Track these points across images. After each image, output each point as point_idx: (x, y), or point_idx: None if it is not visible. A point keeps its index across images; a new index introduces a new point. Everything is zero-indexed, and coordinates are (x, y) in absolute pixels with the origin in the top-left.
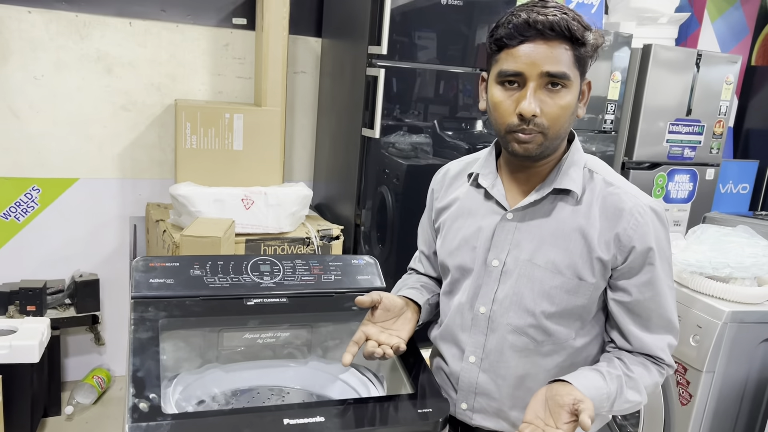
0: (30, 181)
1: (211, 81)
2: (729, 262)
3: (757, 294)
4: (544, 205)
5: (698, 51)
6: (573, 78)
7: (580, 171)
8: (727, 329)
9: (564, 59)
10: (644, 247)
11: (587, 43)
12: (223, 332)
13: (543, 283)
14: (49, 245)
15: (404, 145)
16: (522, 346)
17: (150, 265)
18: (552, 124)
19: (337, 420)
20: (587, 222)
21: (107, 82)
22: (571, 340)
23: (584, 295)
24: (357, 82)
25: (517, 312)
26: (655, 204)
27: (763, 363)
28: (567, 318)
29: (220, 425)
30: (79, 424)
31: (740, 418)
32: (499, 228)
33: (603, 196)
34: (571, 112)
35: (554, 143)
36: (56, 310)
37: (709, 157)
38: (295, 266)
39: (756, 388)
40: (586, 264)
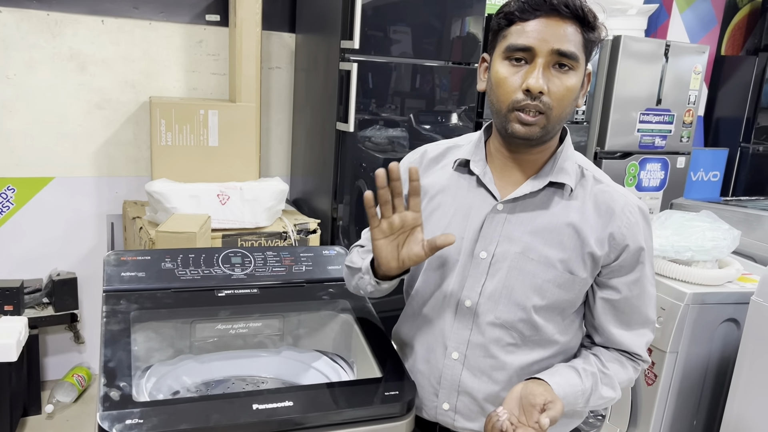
0: (4, 180)
1: (185, 78)
2: (690, 245)
3: (717, 276)
4: (537, 197)
5: (667, 42)
6: (581, 61)
7: (574, 165)
8: (689, 310)
9: (575, 39)
10: (636, 246)
11: (596, 29)
12: (196, 323)
13: (535, 276)
14: (26, 244)
15: (381, 139)
16: (508, 341)
17: (121, 259)
18: (557, 104)
19: (305, 404)
20: (581, 217)
21: (81, 80)
22: (558, 335)
23: (573, 290)
24: (330, 76)
25: (507, 306)
26: (642, 203)
27: (724, 343)
28: (554, 312)
29: (189, 411)
30: (59, 422)
31: (703, 396)
32: (489, 219)
33: (594, 193)
34: (575, 96)
35: (555, 128)
36: (34, 309)
37: (679, 146)
38: (266, 258)
39: (718, 367)
40: (579, 259)
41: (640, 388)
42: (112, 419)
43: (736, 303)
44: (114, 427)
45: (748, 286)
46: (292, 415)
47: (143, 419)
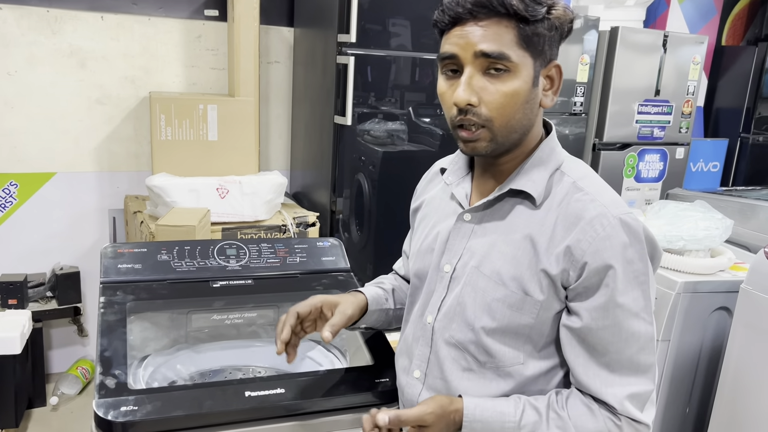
0: (7, 176)
1: (184, 73)
2: (683, 235)
3: (708, 265)
4: (502, 207)
5: (665, 32)
6: (518, 60)
7: (546, 172)
8: (681, 299)
9: (504, 38)
10: (600, 265)
11: (534, 19)
12: (191, 314)
13: (485, 294)
14: (29, 239)
15: (379, 133)
16: (465, 365)
17: (118, 251)
18: (496, 114)
19: (296, 391)
20: (540, 229)
21: (81, 76)
22: (519, 366)
23: (529, 313)
24: (328, 70)
25: (459, 324)
26: (630, 217)
27: (715, 331)
28: (512, 338)
29: (182, 398)
30: (64, 414)
31: (696, 384)
32: (455, 230)
33: (567, 201)
34: (522, 100)
35: (508, 138)
36: (38, 303)
37: (678, 137)
38: (261, 249)
39: (710, 355)
40: (533, 277)
41: None
42: (108, 406)
43: (728, 291)
44: (109, 413)
45: (740, 275)
46: (283, 402)
47: (137, 406)
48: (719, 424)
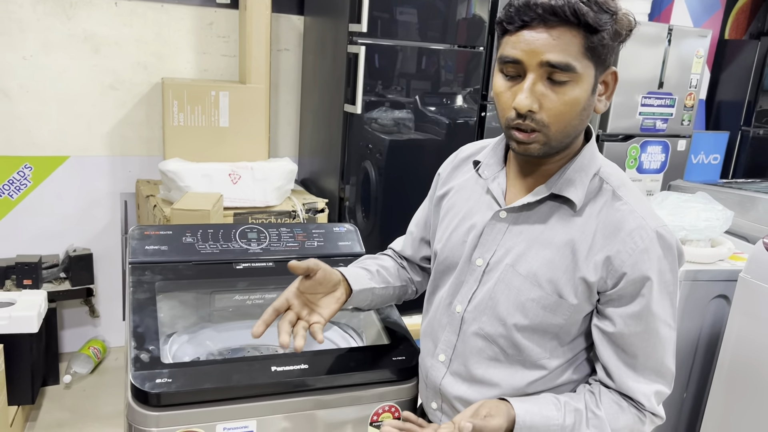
0: (22, 159)
1: (196, 59)
2: (684, 225)
3: (708, 254)
4: (541, 209)
5: (669, 26)
6: (581, 70)
7: (587, 179)
8: (681, 287)
9: (570, 48)
10: (638, 276)
11: (602, 29)
12: (215, 294)
13: (520, 293)
14: (43, 221)
15: (386, 121)
16: (491, 355)
17: (145, 233)
18: (554, 121)
19: (318, 367)
20: (580, 236)
21: (95, 61)
22: (545, 360)
23: (562, 315)
24: (339, 59)
25: (490, 318)
26: (665, 230)
27: (714, 318)
28: (541, 335)
29: (213, 372)
30: (77, 392)
31: (694, 370)
32: (490, 226)
33: (607, 211)
34: (580, 108)
35: (561, 143)
36: (52, 283)
37: (680, 129)
38: (281, 233)
39: (708, 342)
40: (569, 282)
41: None
42: (144, 378)
43: (727, 280)
44: (146, 385)
45: (739, 264)
46: (306, 377)
47: (171, 378)
48: (715, 408)
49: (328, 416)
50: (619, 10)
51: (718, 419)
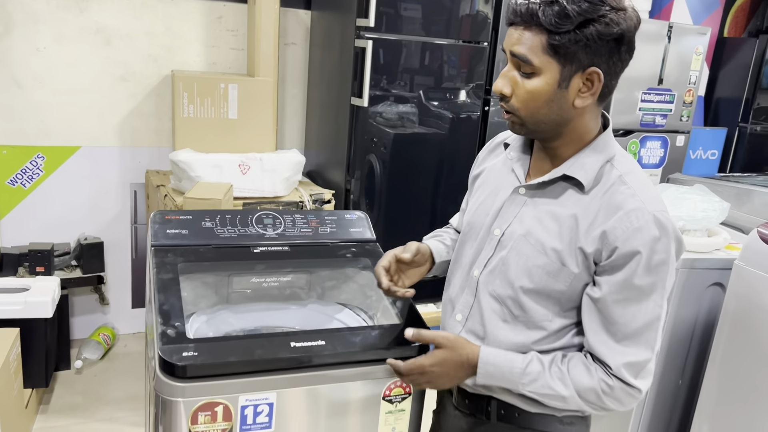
0: (35, 149)
1: (205, 52)
2: (682, 215)
3: (705, 243)
4: (555, 188)
5: (669, 23)
6: (540, 65)
7: (597, 163)
8: (678, 274)
9: (533, 44)
10: (629, 250)
11: (560, 31)
12: (233, 276)
13: (528, 259)
14: (55, 210)
15: (391, 115)
16: (501, 315)
17: (166, 218)
18: (521, 107)
19: (335, 343)
20: (584, 213)
21: (106, 53)
22: (546, 322)
23: (564, 281)
24: (346, 53)
25: (502, 281)
26: (663, 215)
27: (710, 305)
28: (544, 299)
29: (236, 347)
30: (87, 377)
31: (689, 356)
32: (509, 200)
33: (611, 193)
34: (544, 98)
35: (539, 127)
36: (63, 271)
37: (679, 125)
38: (295, 219)
39: (703, 328)
40: (571, 252)
41: None
42: (171, 351)
43: (723, 269)
44: (173, 357)
45: (734, 254)
46: (324, 352)
47: (197, 352)
48: (709, 391)
49: (343, 390)
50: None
51: (711, 403)
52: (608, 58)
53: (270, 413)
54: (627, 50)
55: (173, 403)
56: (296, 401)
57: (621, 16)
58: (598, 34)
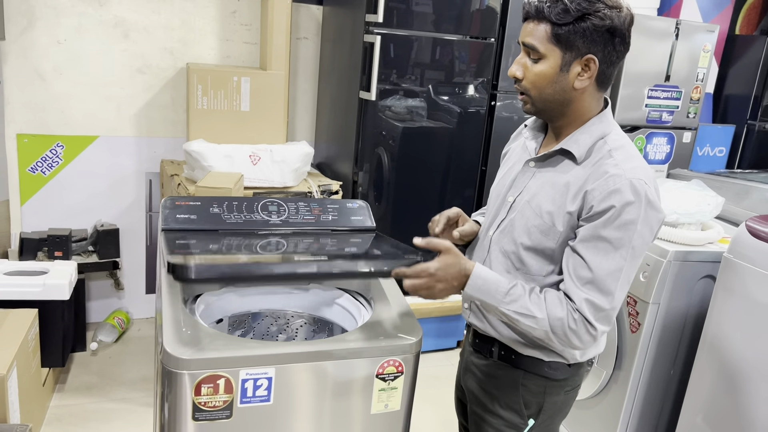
0: (55, 138)
1: (219, 46)
2: (676, 209)
3: (698, 237)
4: (555, 160)
5: (677, 20)
6: (546, 52)
7: (591, 139)
8: (671, 266)
9: (539, 35)
10: (604, 207)
11: (564, 23)
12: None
13: (528, 220)
14: (73, 197)
15: (400, 109)
16: (506, 267)
17: (176, 203)
18: (530, 87)
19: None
20: (575, 180)
21: (124, 46)
22: (541, 276)
23: (553, 240)
24: (355, 48)
25: (508, 239)
26: (639, 183)
27: (701, 297)
28: (540, 255)
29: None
30: (102, 359)
31: (681, 346)
32: (521, 172)
33: (599, 164)
34: (548, 80)
35: (546, 106)
36: (80, 256)
37: (686, 121)
38: (299, 207)
39: (695, 320)
40: (560, 214)
41: (625, 335)
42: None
43: (715, 261)
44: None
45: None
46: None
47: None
48: (698, 379)
49: (338, 367)
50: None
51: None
52: (603, 48)
53: (269, 387)
54: (621, 42)
55: (178, 375)
56: (294, 377)
57: (614, 13)
58: (593, 27)
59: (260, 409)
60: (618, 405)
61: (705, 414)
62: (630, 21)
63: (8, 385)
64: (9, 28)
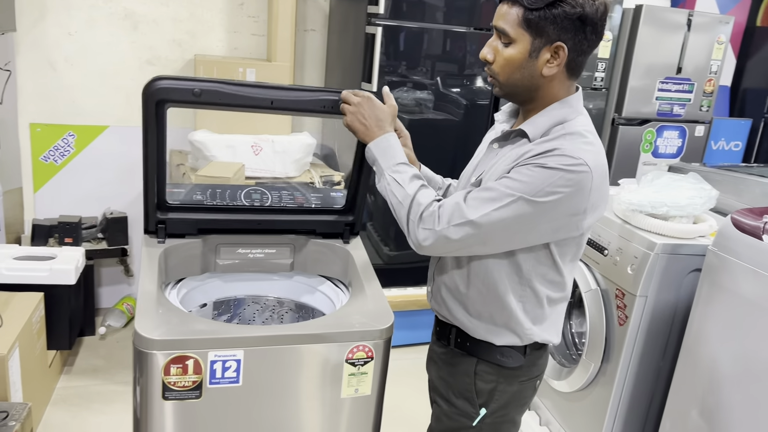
0: (66, 127)
1: (227, 38)
2: (666, 201)
3: (688, 230)
4: (515, 140)
5: (690, 12)
6: (516, 36)
7: (549, 122)
8: (659, 259)
9: (511, 19)
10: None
11: (535, 8)
12: (220, 246)
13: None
14: (84, 185)
15: (408, 101)
16: None
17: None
18: (499, 71)
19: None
20: (523, 155)
21: (134, 38)
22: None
23: None
24: (358, 39)
25: None
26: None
27: (691, 290)
28: None
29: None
30: (110, 343)
31: (671, 339)
32: (485, 153)
33: (546, 143)
34: (517, 65)
35: (514, 89)
36: (90, 243)
37: (699, 115)
38: (282, 195)
39: (685, 313)
40: None
41: (613, 328)
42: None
43: (704, 255)
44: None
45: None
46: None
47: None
48: (683, 371)
49: (308, 351)
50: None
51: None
52: (574, 36)
53: (238, 369)
54: (592, 32)
55: (148, 355)
56: (264, 360)
57: (587, 1)
58: (564, 13)
59: (229, 390)
60: (606, 398)
61: (690, 407)
62: (604, 11)
63: (9, 364)
64: (21, 19)
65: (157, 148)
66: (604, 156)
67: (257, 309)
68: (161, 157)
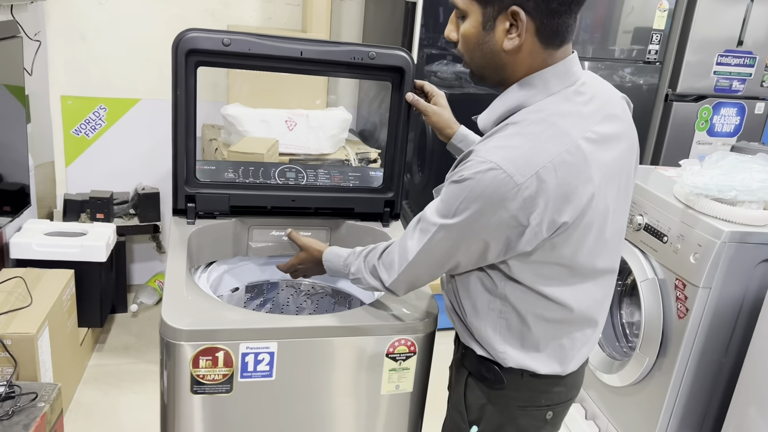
0: (97, 100)
1: (261, 7)
2: (735, 185)
3: (759, 216)
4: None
5: None
6: (465, 7)
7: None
8: (726, 248)
9: None
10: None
11: None
12: (253, 228)
13: None
14: (115, 160)
15: (447, 74)
16: None
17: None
18: (463, 50)
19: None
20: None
21: (165, 7)
22: None
23: None
24: (397, 9)
25: None
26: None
27: (761, 282)
28: None
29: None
30: (142, 320)
31: (735, 334)
32: None
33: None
34: (474, 41)
35: (482, 71)
36: (122, 219)
37: (760, 91)
38: (318, 174)
39: (752, 307)
40: None
41: (671, 321)
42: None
43: None
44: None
45: None
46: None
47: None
48: (750, 371)
49: (346, 344)
50: None
51: (753, 382)
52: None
53: (271, 362)
54: None
55: (176, 346)
56: (298, 353)
57: None
58: None
59: (262, 384)
60: (661, 394)
61: (758, 406)
62: None
63: (38, 344)
64: None
65: (186, 109)
66: (555, 144)
67: (291, 294)
68: (190, 120)
